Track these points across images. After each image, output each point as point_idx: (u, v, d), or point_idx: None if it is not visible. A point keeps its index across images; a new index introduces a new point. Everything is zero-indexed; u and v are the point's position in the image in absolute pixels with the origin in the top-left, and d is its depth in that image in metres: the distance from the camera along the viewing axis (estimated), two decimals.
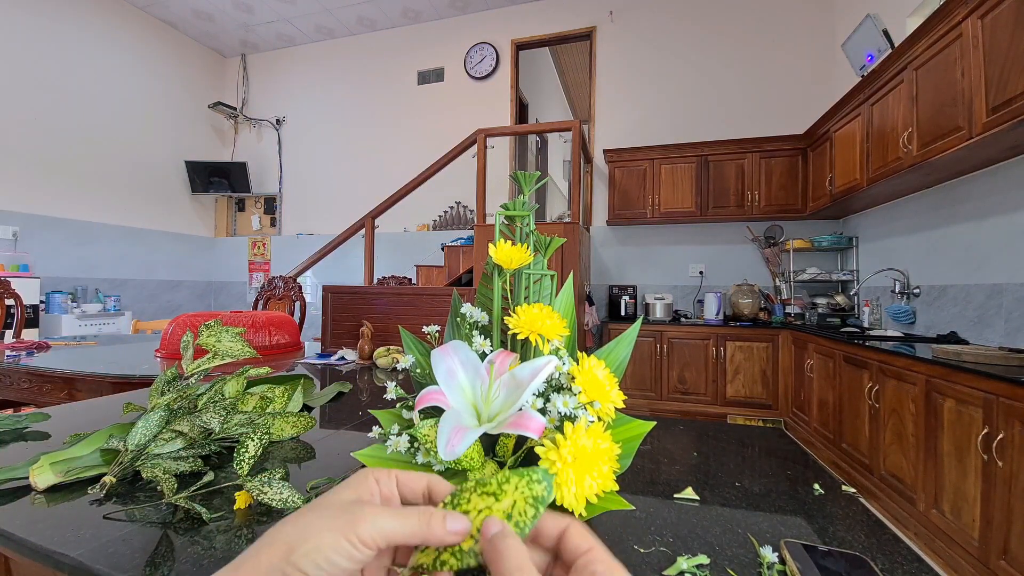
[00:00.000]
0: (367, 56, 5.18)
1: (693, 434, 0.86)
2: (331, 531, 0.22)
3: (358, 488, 0.26)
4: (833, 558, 0.43)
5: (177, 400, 0.64)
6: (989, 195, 2.19)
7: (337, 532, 0.22)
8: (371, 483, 0.26)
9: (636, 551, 0.46)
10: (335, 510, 0.24)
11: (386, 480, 0.27)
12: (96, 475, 0.58)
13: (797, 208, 3.54)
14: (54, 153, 4.04)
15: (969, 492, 1.57)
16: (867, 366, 2.22)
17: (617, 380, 0.47)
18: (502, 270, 0.53)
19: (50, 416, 0.87)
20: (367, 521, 0.23)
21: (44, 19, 3.97)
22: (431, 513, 0.25)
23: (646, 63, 4.22)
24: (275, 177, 5.53)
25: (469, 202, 4.62)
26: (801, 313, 3.55)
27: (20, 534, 0.46)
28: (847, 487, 0.61)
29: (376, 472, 0.27)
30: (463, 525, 0.25)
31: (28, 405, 1.77)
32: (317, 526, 0.23)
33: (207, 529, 0.48)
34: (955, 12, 1.93)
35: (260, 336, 1.83)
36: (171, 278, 5.15)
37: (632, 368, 3.57)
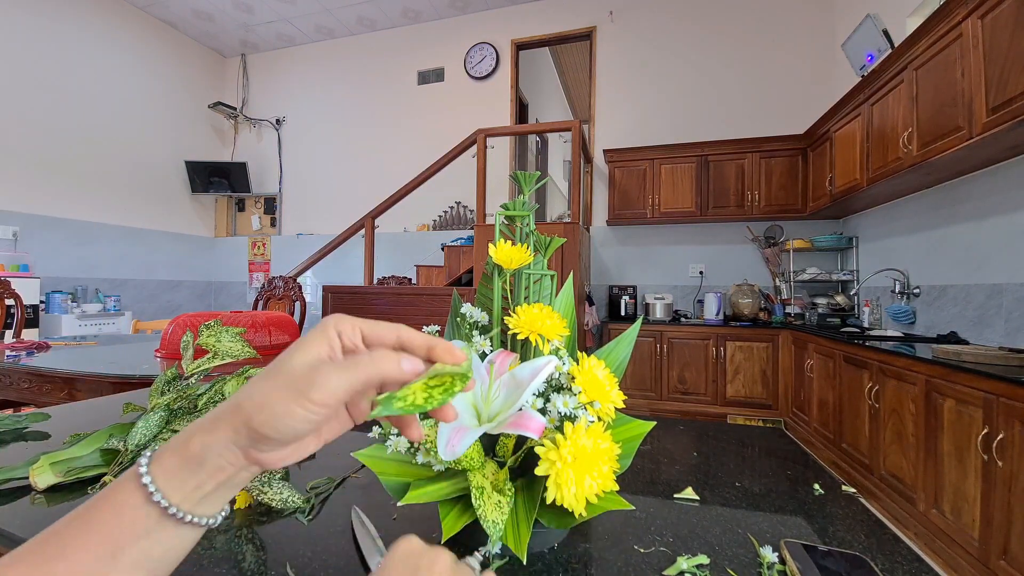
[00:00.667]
0: (367, 56, 5.18)
1: (693, 434, 0.86)
2: (282, 400, 0.24)
3: (317, 346, 0.26)
4: (833, 558, 0.43)
5: (177, 400, 0.64)
6: (989, 195, 2.19)
7: (289, 401, 0.24)
8: (331, 335, 0.26)
9: (636, 551, 0.46)
10: (288, 378, 0.25)
11: (349, 332, 0.27)
12: (96, 475, 0.58)
13: (797, 208, 3.54)
14: (54, 153, 4.04)
15: (969, 492, 1.57)
16: (867, 366, 2.22)
17: (617, 380, 0.47)
18: (502, 270, 0.53)
19: (50, 416, 0.87)
20: (317, 384, 0.24)
21: (44, 19, 3.97)
22: (377, 357, 0.26)
23: (646, 63, 4.22)
24: (275, 177, 5.53)
25: (469, 202, 4.62)
26: (801, 313, 3.54)
27: (20, 534, 0.46)
28: (847, 487, 0.61)
29: (339, 323, 0.27)
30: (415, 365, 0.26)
31: (28, 405, 1.77)
32: (274, 394, 0.24)
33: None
34: (955, 12, 1.93)
35: (260, 336, 1.83)
36: (171, 278, 5.15)
37: (632, 368, 3.57)
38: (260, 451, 0.25)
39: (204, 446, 0.24)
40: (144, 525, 0.24)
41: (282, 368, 0.25)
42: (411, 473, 0.46)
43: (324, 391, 0.24)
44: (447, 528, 0.41)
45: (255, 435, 0.24)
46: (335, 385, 0.24)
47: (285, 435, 0.24)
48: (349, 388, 0.25)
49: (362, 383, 0.25)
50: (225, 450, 0.24)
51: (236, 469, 0.25)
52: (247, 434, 0.24)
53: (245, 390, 0.25)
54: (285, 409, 0.24)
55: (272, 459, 0.25)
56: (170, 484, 0.24)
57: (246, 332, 0.80)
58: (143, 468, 0.24)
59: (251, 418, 0.24)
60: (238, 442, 0.24)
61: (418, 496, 0.42)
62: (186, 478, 0.24)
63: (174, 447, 0.25)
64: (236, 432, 0.24)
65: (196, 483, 0.24)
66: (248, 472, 0.26)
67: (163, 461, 0.25)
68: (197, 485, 0.24)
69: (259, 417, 0.24)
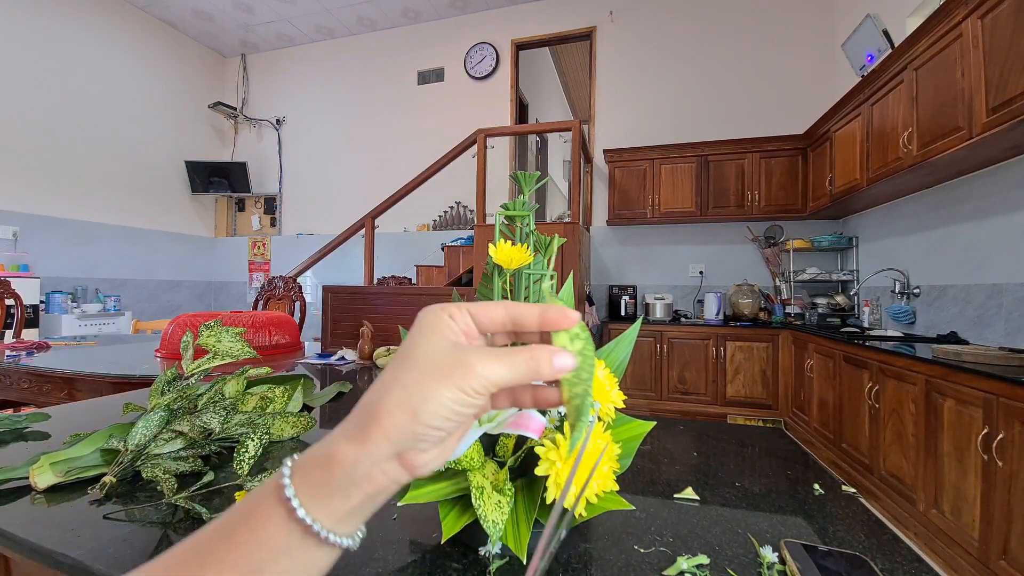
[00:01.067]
0: (367, 56, 5.18)
1: (693, 434, 0.86)
2: (448, 387, 0.23)
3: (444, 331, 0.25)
4: (833, 558, 0.43)
5: (177, 400, 0.64)
6: (989, 195, 2.19)
7: (454, 387, 0.23)
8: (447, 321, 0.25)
9: (636, 551, 0.46)
10: (442, 363, 0.23)
11: (459, 315, 0.25)
12: (96, 475, 0.58)
13: (797, 208, 3.54)
14: (54, 153, 4.04)
15: (969, 492, 1.57)
16: (867, 366, 2.22)
17: (617, 380, 0.47)
18: (502, 270, 0.53)
19: (50, 416, 0.87)
20: (476, 371, 0.23)
21: (44, 19, 3.97)
22: (537, 355, 0.24)
23: (646, 63, 4.22)
24: (275, 177, 5.53)
25: (469, 202, 4.62)
26: (801, 313, 3.54)
27: (20, 534, 0.46)
28: (847, 487, 0.61)
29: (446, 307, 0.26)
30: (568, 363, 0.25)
31: (28, 405, 1.77)
32: (432, 384, 0.23)
33: None
34: (955, 12, 1.93)
35: (260, 336, 1.83)
36: (171, 278, 5.15)
37: (632, 368, 3.57)
38: (419, 451, 0.23)
39: (353, 458, 0.22)
40: (286, 543, 0.22)
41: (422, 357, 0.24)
42: None
43: (486, 379, 0.23)
44: (447, 528, 0.41)
45: (419, 430, 0.23)
46: (497, 375, 0.23)
47: (450, 424, 0.23)
48: (510, 380, 0.24)
49: (520, 380, 0.24)
50: (381, 459, 0.23)
51: (388, 480, 0.23)
52: (411, 431, 0.22)
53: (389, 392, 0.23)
54: (452, 395, 0.23)
55: (425, 460, 0.24)
56: (314, 499, 0.22)
57: (246, 332, 0.80)
58: (286, 479, 0.23)
59: (417, 411, 0.22)
60: (398, 445, 0.23)
61: (418, 496, 0.42)
62: (332, 492, 0.23)
63: (319, 460, 0.23)
64: (400, 433, 0.22)
65: (343, 498, 0.23)
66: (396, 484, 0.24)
67: (307, 474, 0.23)
68: (344, 499, 0.23)
69: (427, 408, 0.22)
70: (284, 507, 0.22)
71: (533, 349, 0.25)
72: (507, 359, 0.24)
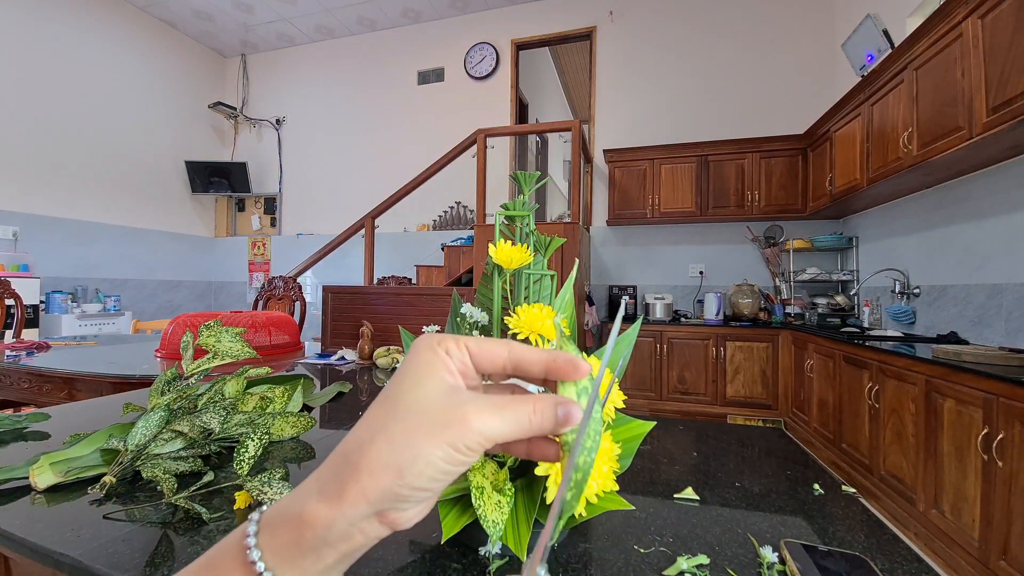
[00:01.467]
0: (367, 56, 5.18)
1: (693, 434, 0.85)
2: (439, 444, 0.20)
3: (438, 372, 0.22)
4: (833, 558, 0.43)
5: (177, 400, 0.64)
6: (989, 195, 2.19)
7: (445, 445, 0.20)
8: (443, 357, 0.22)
9: (636, 551, 0.46)
10: (435, 415, 0.21)
11: (456, 352, 0.23)
12: (96, 475, 0.58)
13: (797, 208, 3.54)
14: (54, 153, 4.04)
15: (969, 492, 1.57)
16: (867, 366, 2.22)
17: (617, 380, 0.47)
18: (502, 270, 0.53)
19: (50, 416, 0.87)
20: (473, 427, 0.20)
21: (44, 19, 3.97)
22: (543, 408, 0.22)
23: (646, 63, 4.22)
24: (275, 177, 5.53)
25: (469, 202, 4.62)
26: (801, 313, 3.54)
27: (20, 534, 0.46)
28: (847, 487, 0.61)
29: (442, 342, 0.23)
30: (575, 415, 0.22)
31: (28, 405, 1.77)
32: (422, 441, 0.20)
33: (207, 529, 0.48)
34: (955, 12, 1.93)
35: (260, 336, 1.83)
36: (171, 278, 5.15)
37: (632, 368, 3.57)
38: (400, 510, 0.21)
39: (327, 519, 0.20)
40: None
41: (414, 405, 0.21)
42: None
43: (483, 436, 0.20)
44: (447, 528, 0.41)
45: (403, 492, 0.20)
46: (494, 430, 0.21)
47: (440, 485, 0.21)
48: (508, 437, 0.21)
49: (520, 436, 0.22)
50: (359, 519, 0.20)
51: (366, 539, 0.21)
52: (393, 494, 0.20)
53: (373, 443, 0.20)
54: (443, 454, 0.20)
55: (408, 517, 0.22)
56: (284, 562, 0.20)
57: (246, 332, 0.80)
58: (251, 539, 0.20)
59: (403, 471, 0.20)
60: (377, 506, 0.20)
61: None
62: (304, 554, 0.20)
63: (288, 520, 0.21)
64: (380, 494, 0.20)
65: (315, 558, 0.20)
66: (376, 539, 0.22)
67: (276, 534, 0.20)
68: (316, 560, 0.20)
69: (415, 468, 0.20)
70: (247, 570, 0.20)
71: (537, 401, 0.22)
72: (508, 413, 0.21)
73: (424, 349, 0.23)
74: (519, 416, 0.21)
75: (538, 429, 0.22)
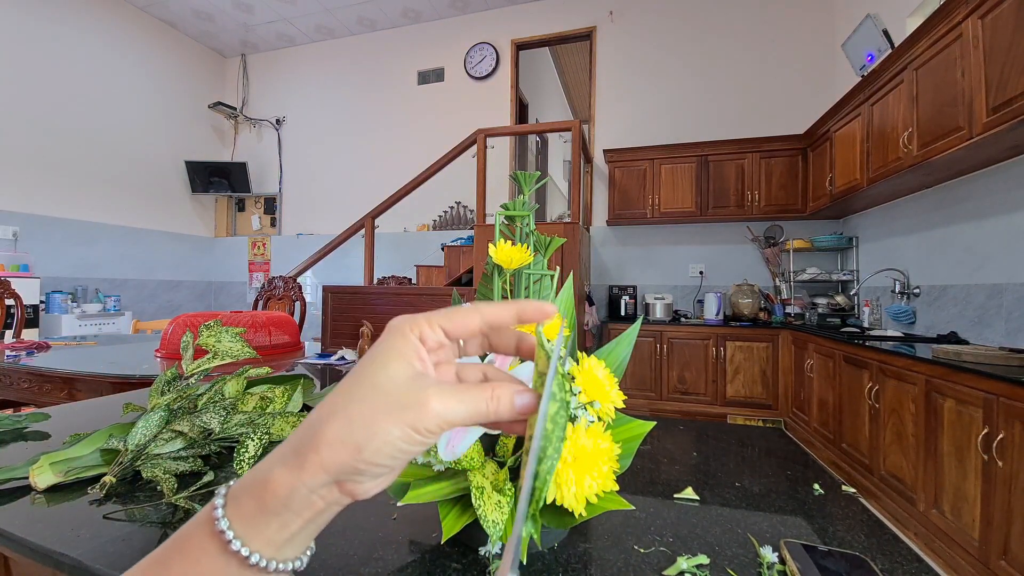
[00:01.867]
0: (367, 56, 5.18)
1: (693, 434, 0.86)
2: (398, 425, 0.21)
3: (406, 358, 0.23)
4: (833, 558, 0.43)
5: (177, 400, 0.64)
6: (989, 195, 2.19)
7: (404, 425, 0.21)
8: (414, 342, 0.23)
9: (636, 551, 0.46)
10: (395, 395, 0.22)
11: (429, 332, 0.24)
12: (96, 475, 0.58)
13: (797, 208, 3.54)
14: (54, 153, 4.04)
15: (969, 492, 1.57)
16: (867, 366, 2.22)
17: (617, 380, 0.47)
18: (502, 270, 0.53)
19: (50, 416, 0.87)
20: (432, 410, 0.21)
21: (44, 19, 3.97)
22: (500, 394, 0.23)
23: (646, 63, 4.22)
24: (275, 177, 5.53)
25: (469, 202, 4.62)
26: (801, 313, 3.54)
27: (20, 534, 0.46)
28: (847, 487, 0.61)
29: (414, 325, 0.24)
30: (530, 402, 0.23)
31: (28, 405, 1.77)
32: (382, 420, 0.21)
33: None
34: (955, 12, 1.93)
35: (260, 336, 1.83)
36: (171, 278, 5.15)
37: (632, 368, 3.57)
38: (358, 483, 0.22)
39: (289, 487, 0.21)
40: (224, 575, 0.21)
41: (375, 385, 0.22)
42: (411, 473, 0.46)
43: (441, 419, 0.22)
44: (447, 528, 0.41)
45: (361, 467, 0.21)
46: (453, 414, 0.22)
47: (397, 463, 0.22)
48: (467, 420, 0.22)
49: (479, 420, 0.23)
50: (318, 487, 0.21)
51: (327, 504, 0.22)
52: (351, 467, 0.21)
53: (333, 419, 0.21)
54: (401, 434, 0.21)
55: (367, 488, 0.22)
56: (250, 529, 0.21)
57: (246, 332, 0.80)
58: (219, 511, 0.21)
59: (361, 449, 0.21)
60: (336, 477, 0.21)
61: (418, 496, 0.42)
62: (269, 521, 0.21)
63: (252, 488, 0.22)
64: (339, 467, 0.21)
65: (280, 525, 0.21)
66: (339, 505, 0.23)
67: (241, 503, 0.22)
68: (281, 526, 0.21)
69: (372, 445, 0.21)
70: (218, 540, 0.21)
71: (495, 387, 0.23)
72: (466, 396, 0.22)
73: (396, 334, 0.24)
74: (477, 401, 0.22)
75: (495, 415, 0.23)
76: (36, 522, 0.49)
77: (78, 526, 0.48)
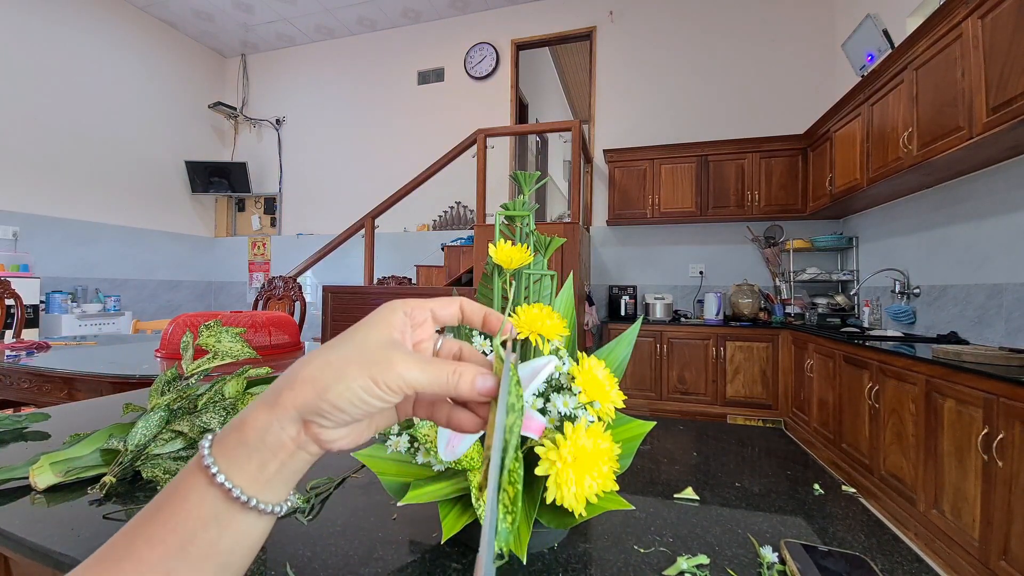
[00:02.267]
0: (367, 56, 5.18)
1: (693, 434, 0.85)
2: (362, 375, 0.23)
3: (388, 326, 0.26)
4: (833, 558, 0.43)
5: (177, 400, 0.64)
6: (989, 195, 2.19)
7: (367, 377, 0.23)
8: (400, 316, 0.26)
9: (636, 551, 0.46)
10: (368, 352, 0.24)
11: (420, 313, 0.27)
12: (96, 475, 0.58)
13: (797, 208, 3.54)
14: (54, 153, 4.04)
15: (969, 492, 1.57)
16: (867, 366, 2.22)
17: (617, 380, 0.47)
18: (502, 270, 0.53)
19: (50, 416, 0.87)
20: (396, 370, 0.24)
21: (44, 19, 3.97)
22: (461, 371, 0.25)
23: (646, 63, 4.22)
24: (275, 177, 5.53)
25: (469, 202, 4.62)
26: (801, 313, 3.54)
27: (20, 534, 0.46)
28: (847, 487, 0.61)
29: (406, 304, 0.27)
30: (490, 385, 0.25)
31: (28, 405, 1.77)
32: (350, 368, 0.23)
33: None
34: (955, 12, 1.93)
35: (260, 336, 1.83)
36: (171, 278, 5.15)
37: (632, 368, 3.57)
38: (321, 425, 0.24)
39: (265, 422, 0.23)
40: (211, 510, 0.22)
41: (355, 342, 0.25)
42: (411, 473, 0.46)
43: (403, 379, 0.24)
44: (447, 528, 0.41)
45: (323, 407, 0.23)
46: (414, 378, 0.24)
47: (355, 411, 0.24)
48: (426, 386, 0.24)
49: (437, 389, 0.25)
50: (288, 423, 0.23)
51: (296, 447, 0.24)
52: (315, 406, 0.23)
53: (311, 362, 0.24)
54: (363, 384, 0.23)
55: (331, 436, 0.24)
56: (232, 465, 0.23)
57: (246, 332, 0.80)
58: (206, 449, 0.23)
59: (327, 389, 0.23)
60: (303, 414, 0.23)
61: (418, 496, 0.42)
62: (249, 455, 0.23)
63: (235, 425, 0.24)
64: (304, 404, 0.23)
65: (259, 462, 0.23)
66: (307, 454, 0.24)
67: (224, 441, 0.24)
68: (260, 464, 0.23)
69: (336, 388, 0.23)
70: (205, 475, 0.23)
71: (460, 365, 0.25)
72: (430, 367, 0.25)
73: (387, 308, 0.27)
74: (439, 372, 0.25)
75: (455, 389, 0.25)
76: (36, 522, 0.49)
77: (78, 526, 0.48)
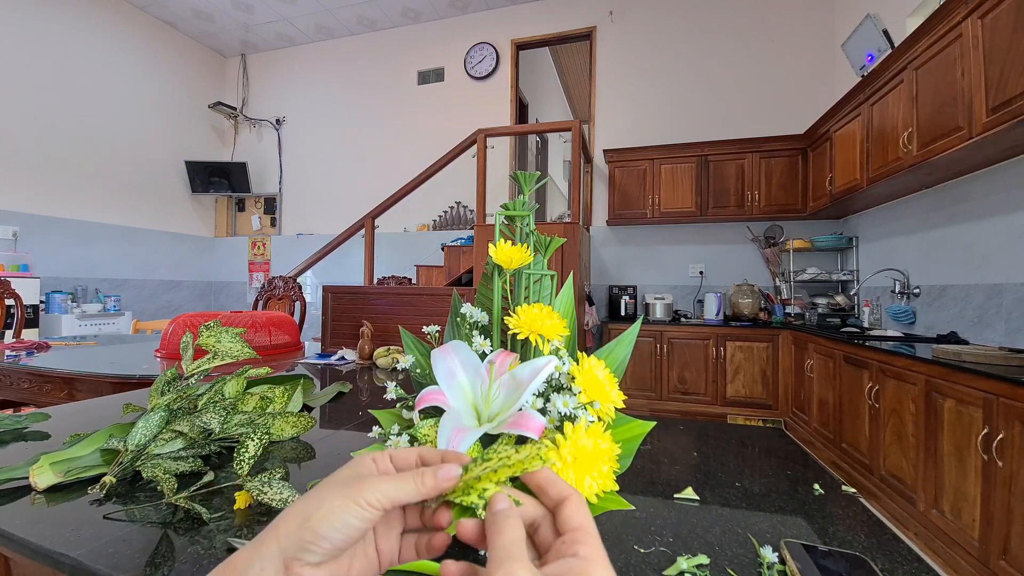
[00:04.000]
0: (367, 56, 5.18)
1: (693, 434, 0.86)
2: (341, 497, 0.25)
3: (358, 467, 0.29)
4: (833, 558, 0.43)
5: (177, 400, 0.64)
6: (989, 195, 2.19)
7: (347, 498, 0.25)
8: (367, 462, 0.29)
9: (636, 551, 0.46)
10: (342, 481, 0.27)
11: (381, 459, 0.30)
12: (96, 475, 0.58)
13: (797, 208, 3.54)
14: (54, 153, 4.04)
15: (969, 492, 1.57)
16: (867, 366, 2.22)
17: (617, 380, 0.47)
18: (502, 270, 0.53)
19: (50, 416, 0.87)
20: (370, 487, 0.26)
21: (44, 19, 3.97)
22: (423, 471, 0.28)
23: (646, 63, 4.22)
24: (275, 177, 5.53)
25: (469, 202, 4.62)
26: (801, 313, 3.54)
27: (20, 534, 0.46)
28: (847, 487, 0.61)
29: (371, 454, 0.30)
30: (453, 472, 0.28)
31: (28, 405, 1.77)
32: (329, 495, 0.26)
33: (207, 529, 0.48)
34: (955, 12, 1.93)
35: (260, 336, 1.83)
36: (171, 278, 5.15)
37: (632, 368, 3.57)
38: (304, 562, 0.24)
39: (249, 559, 0.24)
40: None
41: (331, 481, 0.27)
42: None
43: (379, 492, 0.26)
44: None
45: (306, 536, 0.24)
46: (387, 488, 0.26)
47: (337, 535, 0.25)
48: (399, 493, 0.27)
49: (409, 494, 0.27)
50: (267, 562, 0.24)
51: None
52: (297, 537, 0.24)
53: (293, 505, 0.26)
54: (342, 504, 0.25)
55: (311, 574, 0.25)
56: None
57: (246, 332, 0.80)
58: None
59: (308, 517, 0.25)
60: (284, 551, 0.24)
61: None
62: None
63: (225, 562, 0.25)
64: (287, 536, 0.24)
65: None
66: None
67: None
68: None
69: (318, 514, 0.25)
70: None
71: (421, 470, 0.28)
72: (398, 478, 0.27)
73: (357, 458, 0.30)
74: (407, 479, 0.27)
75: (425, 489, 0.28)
76: (36, 522, 0.49)
77: (78, 526, 0.48)
